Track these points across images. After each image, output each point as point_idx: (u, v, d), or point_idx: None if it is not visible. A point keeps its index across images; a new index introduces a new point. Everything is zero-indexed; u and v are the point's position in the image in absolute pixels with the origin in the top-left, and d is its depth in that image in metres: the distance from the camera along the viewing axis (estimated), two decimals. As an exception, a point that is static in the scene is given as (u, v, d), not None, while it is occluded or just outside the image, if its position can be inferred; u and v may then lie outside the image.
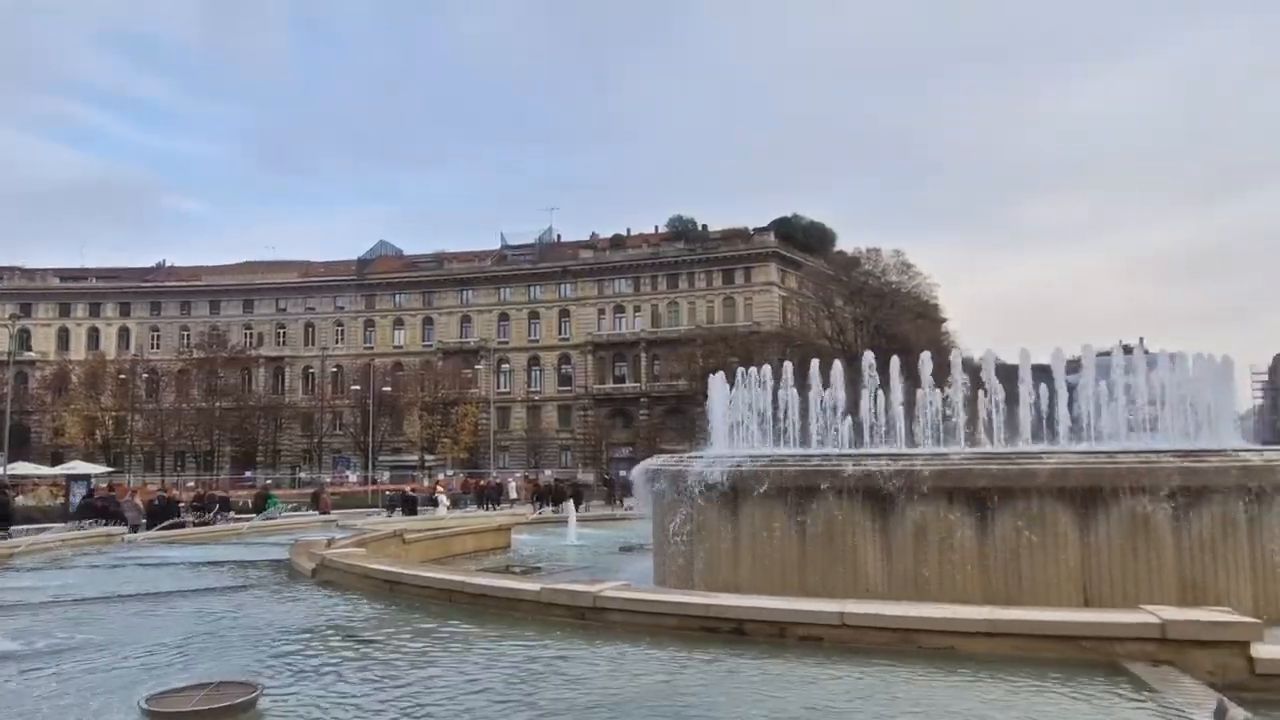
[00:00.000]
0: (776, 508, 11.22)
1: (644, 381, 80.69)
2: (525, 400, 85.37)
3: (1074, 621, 6.34)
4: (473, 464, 74.97)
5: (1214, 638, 5.85)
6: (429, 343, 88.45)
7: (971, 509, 10.35)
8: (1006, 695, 5.57)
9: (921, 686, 5.81)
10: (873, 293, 70.86)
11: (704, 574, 12.03)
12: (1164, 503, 10.12)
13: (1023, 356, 13.49)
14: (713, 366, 33.29)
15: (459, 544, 18.95)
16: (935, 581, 10.30)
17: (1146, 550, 10.09)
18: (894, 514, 10.60)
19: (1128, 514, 10.12)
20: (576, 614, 7.84)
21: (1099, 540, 10.20)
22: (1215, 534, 10.19)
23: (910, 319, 70.75)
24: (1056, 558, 10.21)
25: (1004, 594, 9.95)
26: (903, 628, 6.52)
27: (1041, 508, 10.23)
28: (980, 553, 10.38)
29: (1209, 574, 10.15)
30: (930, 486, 10.38)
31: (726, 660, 6.46)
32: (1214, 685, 5.57)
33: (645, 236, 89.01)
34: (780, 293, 79.13)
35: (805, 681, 6.00)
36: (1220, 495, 10.19)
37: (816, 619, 6.80)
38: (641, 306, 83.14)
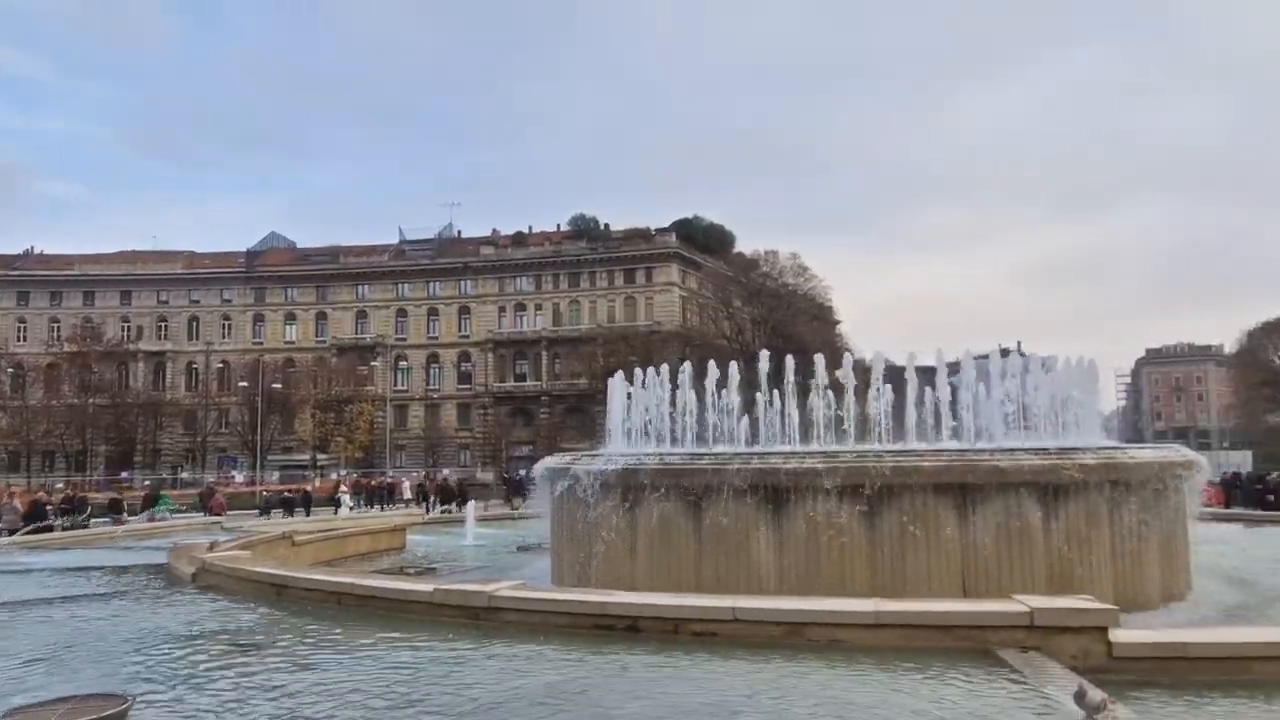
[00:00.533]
0: (673, 506, 11.35)
1: (545, 380, 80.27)
2: (424, 398, 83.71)
3: (951, 612, 6.65)
4: (368, 463, 73.03)
5: (1076, 624, 6.23)
6: (323, 339, 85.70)
7: (860, 505, 10.70)
8: (889, 682, 5.79)
9: (811, 677, 5.97)
10: (770, 294, 72.34)
11: (601, 572, 12.06)
12: (1034, 498, 10.70)
13: (909, 359, 14.03)
14: (614, 366, 33.38)
15: (353, 545, 18.45)
16: (826, 576, 10.61)
17: (1019, 543, 10.64)
18: (786, 511, 10.86)
19: (1001, 509, 10.66)
20: (470, 615, 7.75)
21: (977, 534, 10.69)
22: (1080, 527, 10.83)
23: (806, 320, 72.60)
24: (938, 551, 10.65)
25: (890, 586, 10.33)
26: (793, 621, 6.69)
27: (925, 504, 10.66)
28: (869, 547, 10.74)
29: (1074, 565, 10.77)
30: (821, 484, 10.68)
31: (620, 657, 6.49)
32: (1076, 668, 5.93)
33: (547, 234, 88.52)
34: (681, 293, 79.96)
35: (699, 677, 6.09)
36: (1084, 490, 10.83)
37: (710, 615, 6.91)
38: (543, 305, 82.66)
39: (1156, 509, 11.70)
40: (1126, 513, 11.25)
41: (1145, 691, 5.84)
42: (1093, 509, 10.98)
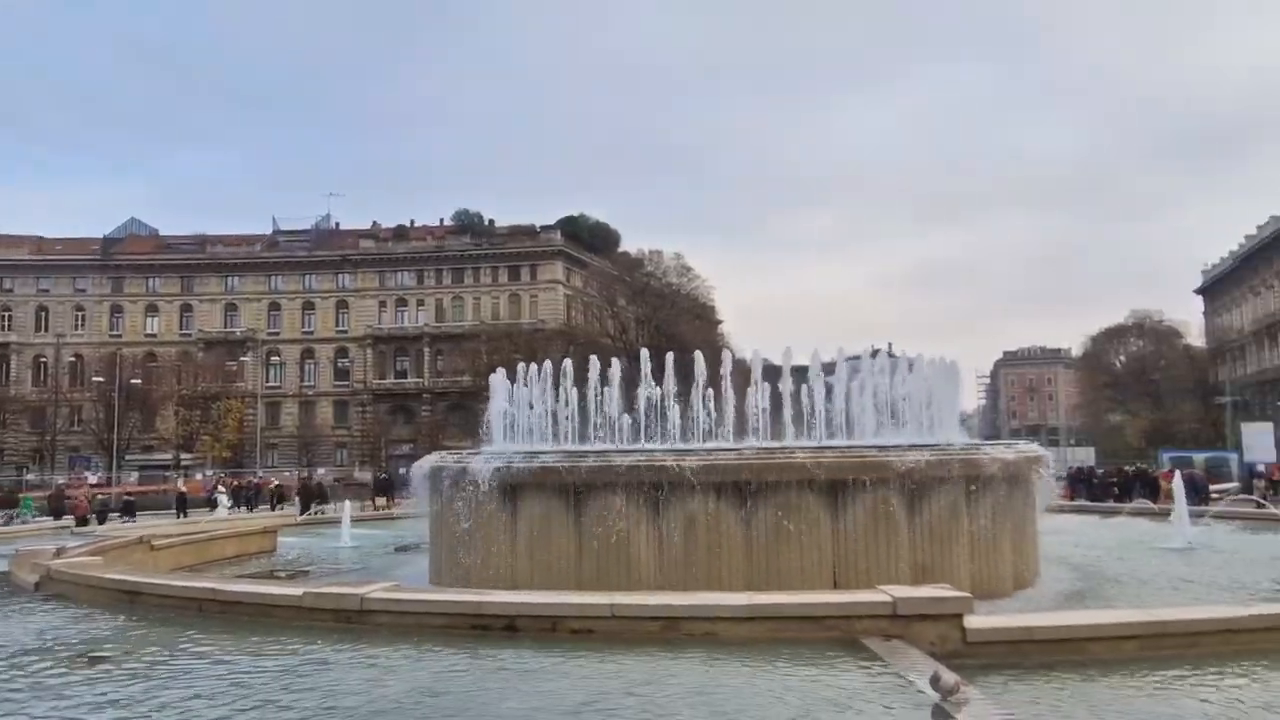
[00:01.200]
0: (554, 504, 11.34)
1: (427, 377, 78.59)
2: (298, 395, 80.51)
3: (819, 603, 6.90)
4: (237, 463, 69.69)
5: (934, 612, 6.57)
6: (188, 332, 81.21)
7: (737, 501, 10.96)
8: (759, 672, 5.96)
9: (686, 671, 6.08)
10: (654, 293, 73.08)
11: (481, 572, 11.92)
12: (900, 493, 11.21)
13: (784, 357, 14.44)
14: (498, 363, 32.93)
15: (217, 549, 17.59)
16: (704, 570, 10.82)
17: (886, 536, 11.14)
18: (666, 508, 11.01)
19: (870, 503, 11.13)
20: (342, 618, 7.53)
21: (847, 527, 11.13)
22: (941, 520, 11.42)
23: (689, 320, 73.68)
24: (811, 545, 11.03)
25: (765, 580, 10.63)
26: (670, 616, 6.80)
27: (798, 499, 11.01)
28: (745, 542, 11.02)
29: (936, 556, 11.35)
30: (700, 481, 10.88)
31: (497, 657, 6.44)
32: (934, 654, 6.25)
33: (430, 229, 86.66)
34: (566, 291, 79.80)
35: (576, 674, 6.11)
36: (945, 486, 11.43)
37: (588, 611, 6.94)
38: (425, 300, 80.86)
39: (1010, 503, 12.45)
40: (983, 506, 11.92)
41: (996, 673, 6.22)
42: (953, 503, 11.59)
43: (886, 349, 34.30)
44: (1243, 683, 6.06)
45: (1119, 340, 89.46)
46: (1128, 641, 6.49)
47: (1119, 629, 6.60)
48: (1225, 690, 5.92)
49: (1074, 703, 5.63)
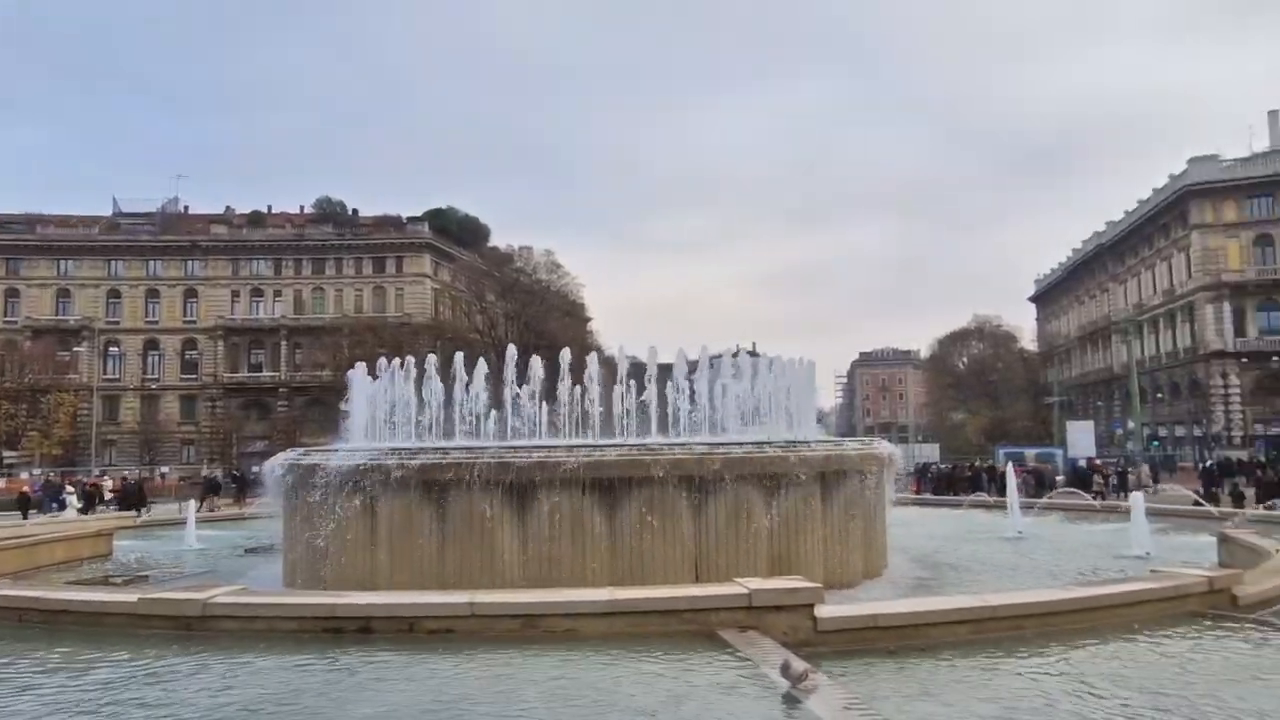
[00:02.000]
0: (416, 501, 11.09)
1: (283, 371, 75.10)
2: (140, 389, 75.28)
3: (678, 597, 7.03)
4: (69, 461, 64.54)
5: (788, 603, 6.82)
6: (13, 319, 74.55)
7: (602, 498, 11.03)
8: (617, 666, 6.02)
9: (545, 668, 6.07)
10: (524, 289, 72.44)
11: (339, 573, 11.53)
12: (760, 489, 11.57)
13: (649, 355, 14.63)
14: (360, 357, 31.86)
15: (46, 554, 16.27)
16: (569, 567, 10.84)
17: (746, 530, 11.46)
18: (531, 505, 10.97)
19: (732, 499, 11.43)
20: (181, 625, 7.10)
21: (709, 522, 11.39)
22: (798, 514, 11.85)
23: (558, 317, 73.46)
24: (674, 540, 11.23)
25: (630, 575, 10.74)
26: (530, 614, 6.77)
27: (663, 495, 11.18)
28: (610, 538, 11.10)
29: (792, 549, 11.78)
30: (565, 478, 10.89)
31: (349, 661, 6.24)
32: (787, 644, 6.49)
33: (289, 216, 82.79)
34: (433, 285, 78.02)
35: (432, 675, 6.00)
36: (802, 481, 11.87)
37: (446, 611, 6.83)
38: (283, 291, 77.20)
39: (861, 497, 13.05)
40: (836, 501, 12.46)
41: (844, 659, 6.52)
42: (808, 498, 12.05)
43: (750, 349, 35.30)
44: (1057, 659, 6.60)
45: (962, 343, 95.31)
46: (961, 625, 6.94)
47: (953, 614, 7.05)
48: (1043, 666, 6.42)
49: (912, 683, 5.97)
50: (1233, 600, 8.05)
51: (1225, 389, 59.56)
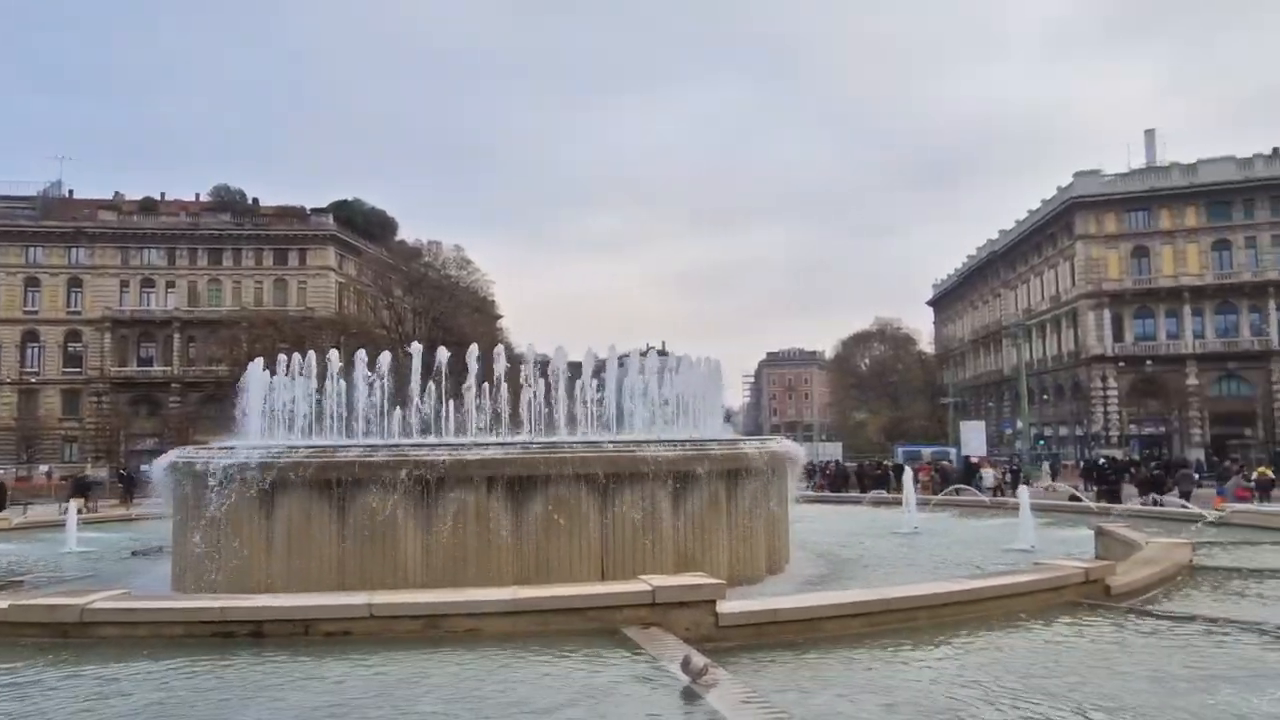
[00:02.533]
0: (314, 501, 10.78)
1: (176, 366, 71.87)
2: (18, 383, 70.84)
3: (582, 595, 7.04)
4: (-67, 460, 60.34)
5: (690, 599, 6.91)
6: None
7: (508, 496, 10.94)
8: (520, 666, 5.99)
9: (446, 669, 5.99)
10: (432, 285, 71.22)
11: (232, 576, 11.11)
12: (666, 487, 11.67)
13: (556, 353, 14.59)
14: (259, 352, 30.78)
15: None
16: (474, 567, 10.71)
17: (652, 528, 11.54)
18: (435, 504, 10.79)
19: (639, 497, 11.49)
20: (58, 632, 6.72)
21: (616, 520, 11.42)
22: (704, 512, 12.00)
23: (468, 313, 72.53)
24: (581, 538, 11.22)
25: (536, 574, 10.69)
26: (431, 614, 6.67)
27: (570, 493, 11.16)
28: (516, 537, 11.02)
29: (698, 546, 11.92)
30: (471, 476, 10.76)
31: (239, 666, 6.02)
32: (689, 640, 6.57)
33: (184, 204, 79.27)
34: (338, 278, 75.91)
35: (327, 679, 5.84)
36: (708, 479, 12.03)
37: (343, 613, 6.66)
38: (177, 282, 73.83)
39: (765, 494, 13.31)
40: (741, 498, 12.66)
41: (745, 654, 6.65)
42: (714, 495, 12.21)
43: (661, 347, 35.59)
44: (945, 648, 6.89)
45: (865, 345, 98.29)
46: (856, 618, 7.16)
47: (849, 608, 7.27)
48: (931, 655, 6.70)
49: (809, 676, 6.13)
50: (1106, 590, 8.53)
51: (1104, 391, 63.08)
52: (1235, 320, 62.36)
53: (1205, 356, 62.06)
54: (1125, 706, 5.44)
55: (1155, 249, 64.16)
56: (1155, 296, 63.70)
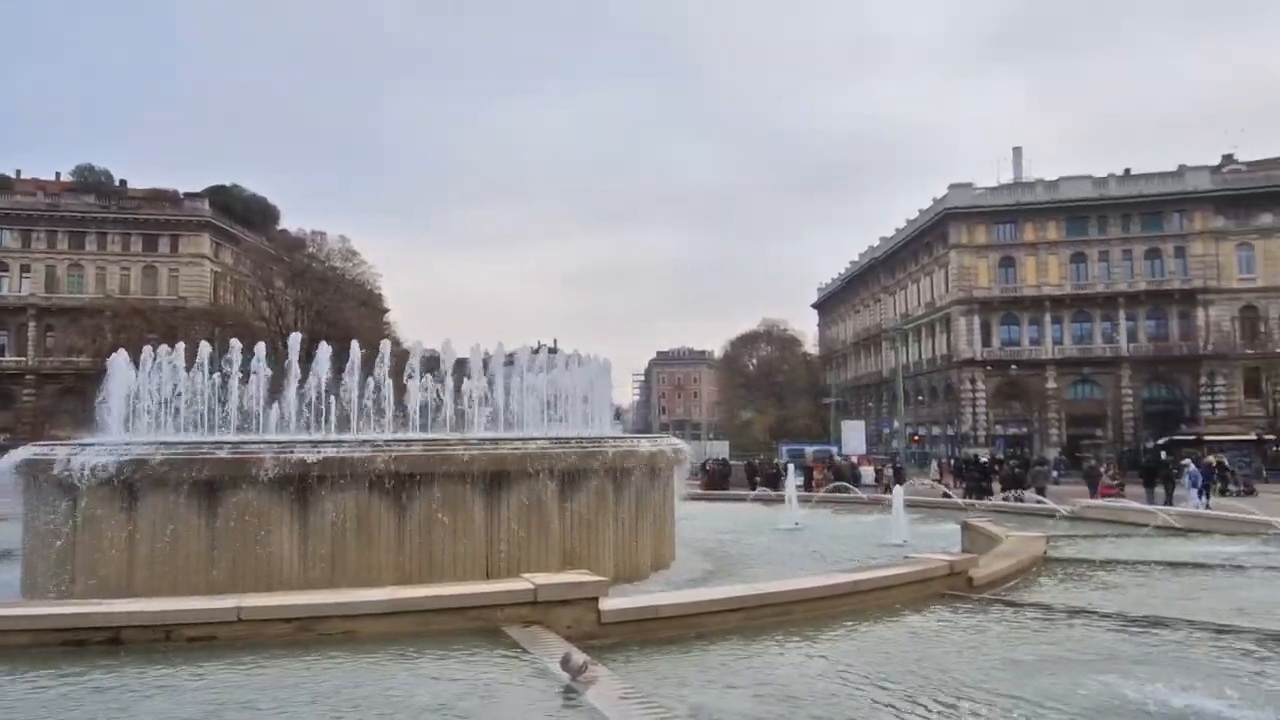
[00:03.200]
0: (181, 501, 10.26)
1: (31, 356, 67.05)
2: None
3: (462, 594, 6.96)
4: None
5: (572, 597, 6.93)
6: None
7: (391, 494, 10.70)
8: (397, 669, 5.88)
9: (320, 673, 5.82)
10: (317, 277, 68.79)
11: (90, 580, 10.46)
12: (553, 485, 11.65)
13: (445, 350, 14.36)
14: (125, 342, 29.08)
15: None
16: (354, 568, 10.43)
17: (539, 526, 11.51)
18: (313, 503, 10.46)
19: (525, 495, 11.43)
20: (-117, 645, 6.18)
21: (502, 519, 11.33)
22: (590, 510, 12.04)
23: (354, 307, 70.39)
24: (466, 537, 11.08)
25: (419, 574, 10.49)
26: (304, 616, 6.46)
27: (455, 491, 11.00)
28: (398, 536, 10.79)
29: (584, 544, 11.95)
30: (351, 474, 10.47)
31: (94, 675, 5.68)
32: (570, 637, 6.59)
33: (42, 183, 74.05)
34: (214, 267, 72.40)
35: (191, 686, 5.57)
36: (596, 476, 12.07)
37: (208, 617, 6.37)
38: (32, 266, 68.85)
39: (652, 492, 13.46)
40: (627, 496, 12.76)
41: (626, 650, 6.71)
42: (601, 493, 12.26)
43: (552, 344, 35.50)
44: (817, 640, 7.15)
45: (752, 345, 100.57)
46: (735, 613, 7.34)
47: (728, 603, 7.44)
48: (804, 647, 6.94)
49: (688, 671, 6.25)
50: (969, 582, 9.02)
51: (973, 393, 66.56)
52: (1090, 328, 66.84)
53: (1063, 361, 66.27)
54: (982, 688, 5.78)
55: (1021, 260, 68.09)
56: (1020, 304, 67.57)
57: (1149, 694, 5.50)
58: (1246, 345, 62.14)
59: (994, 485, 32.54)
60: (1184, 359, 63.59)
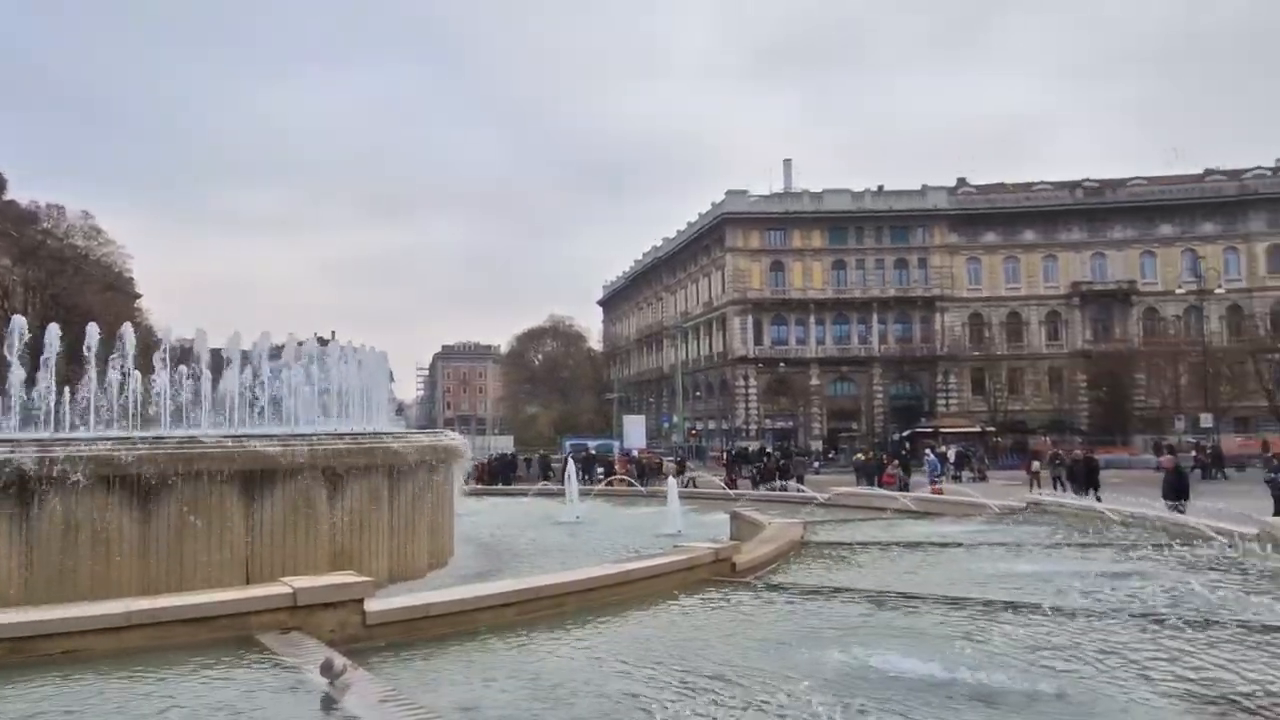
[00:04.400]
0: None
1: None
2: None
3: (210, 603, 6.44)
4: None
5: (336, 599, 6.61)
6: None
7: (133, 497, 9.73)
8: (132, 688, 5.34)
9: (32, 698, 5.18)
10: (52, 255, 61.17)
11: None
12: (321, 483, 11.07)
13: (199, 339, 13.30)
14: None
15: None
16: (88, 579, 9.41)
17: (305, 527, 10.90)
18: (38, 508, 9.32)
19: (290, 494, 10.79)
20: None
21: (263, 520, 10.63)
22: (362, 508, 11.56)
23: (98, 290, 63.28)
24: (223, 541, 10.30)
25: (168, 584, 9.62)
26: (16, 636, 5.72)
27: (209, 492, 10.19)
28: (142, 542, 9.86)
29: (356, 543, 11.47)
30: (86, 474, 9.41)
31: None
32: (334, 642, 6.28)
33: None
34: (-82, 239, 62.59)
35: None
36: (367, 473, 11.62)
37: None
38: None
39: (429, 488, 13.14)
40: (403, 493, 12.39)
41: (393, 652, 6.50)
42: (374, 490, 11.82)
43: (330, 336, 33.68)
44: (588, 630, 7.29)
45: (538, 341, 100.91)
46: (509, 608, 7.31)
47: (501, 598, 7.40)
48: (574, 637, 7.06)
49: (458, 668, 6.16)
50: (733, 567, 9.52)
51: (746, 389, 70.57)
52: (848, 330, 72.88)
53: (825, 360, 71.79)
54: (737, 664, 6.12)
55: (789, 265, 73.02)
56: (788, 306, 72.43)
57: (888, 662, 6.06)
58: (974, 348, 70.23)
59: (759, 475, 34.65)
60: (924, 359, 70.85)
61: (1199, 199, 71.17)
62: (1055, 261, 72.03)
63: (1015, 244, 72.37)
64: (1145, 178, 75.41)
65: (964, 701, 5.32)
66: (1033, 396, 69.58)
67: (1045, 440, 53.84)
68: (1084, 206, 72.41)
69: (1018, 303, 71.77)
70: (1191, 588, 8.25)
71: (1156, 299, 69.34)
